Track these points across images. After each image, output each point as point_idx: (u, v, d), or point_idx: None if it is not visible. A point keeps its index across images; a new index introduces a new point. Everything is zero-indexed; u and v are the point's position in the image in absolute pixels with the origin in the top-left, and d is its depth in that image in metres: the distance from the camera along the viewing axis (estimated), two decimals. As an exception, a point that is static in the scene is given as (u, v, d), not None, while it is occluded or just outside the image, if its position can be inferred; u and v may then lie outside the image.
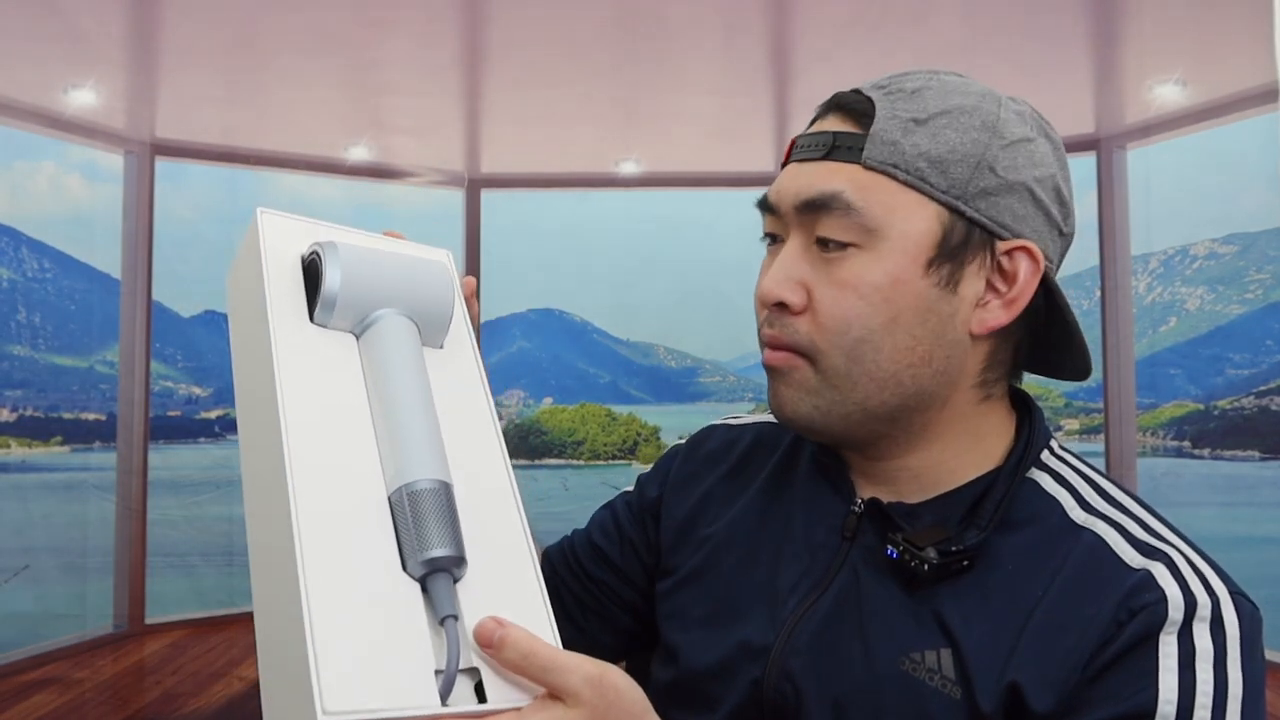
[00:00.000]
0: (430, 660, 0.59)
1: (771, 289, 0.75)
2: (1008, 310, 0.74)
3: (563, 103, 5.20)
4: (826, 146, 0.75)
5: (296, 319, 0.69)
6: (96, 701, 4.14)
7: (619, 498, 1.01)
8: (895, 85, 0.76)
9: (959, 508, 0.75)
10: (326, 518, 0.61)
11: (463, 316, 0.76)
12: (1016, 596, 0.70)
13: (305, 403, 0.65)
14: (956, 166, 0.72)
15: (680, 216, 7.77)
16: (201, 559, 6.31)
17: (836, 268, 0.73)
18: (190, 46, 4.48)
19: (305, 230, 0.73)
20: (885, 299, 0.72)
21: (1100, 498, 0.75)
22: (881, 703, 0.71)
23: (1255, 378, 7.45)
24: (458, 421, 0.70)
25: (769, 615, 0.78)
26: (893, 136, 0.73)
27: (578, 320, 9.20)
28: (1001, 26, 4.15)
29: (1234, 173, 6.51)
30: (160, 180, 5.37)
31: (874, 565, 0.76)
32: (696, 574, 0.87)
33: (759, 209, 0.80)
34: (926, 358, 0.74)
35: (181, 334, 7.04)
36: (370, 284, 0.70)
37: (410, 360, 0.69)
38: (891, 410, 0.75)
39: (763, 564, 0.82)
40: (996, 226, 0.73)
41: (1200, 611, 0.66)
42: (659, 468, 0.99)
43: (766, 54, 4.67)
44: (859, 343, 0.73)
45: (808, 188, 0.74)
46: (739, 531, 0.86)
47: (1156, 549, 0.70)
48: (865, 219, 0.72)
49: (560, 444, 8.32)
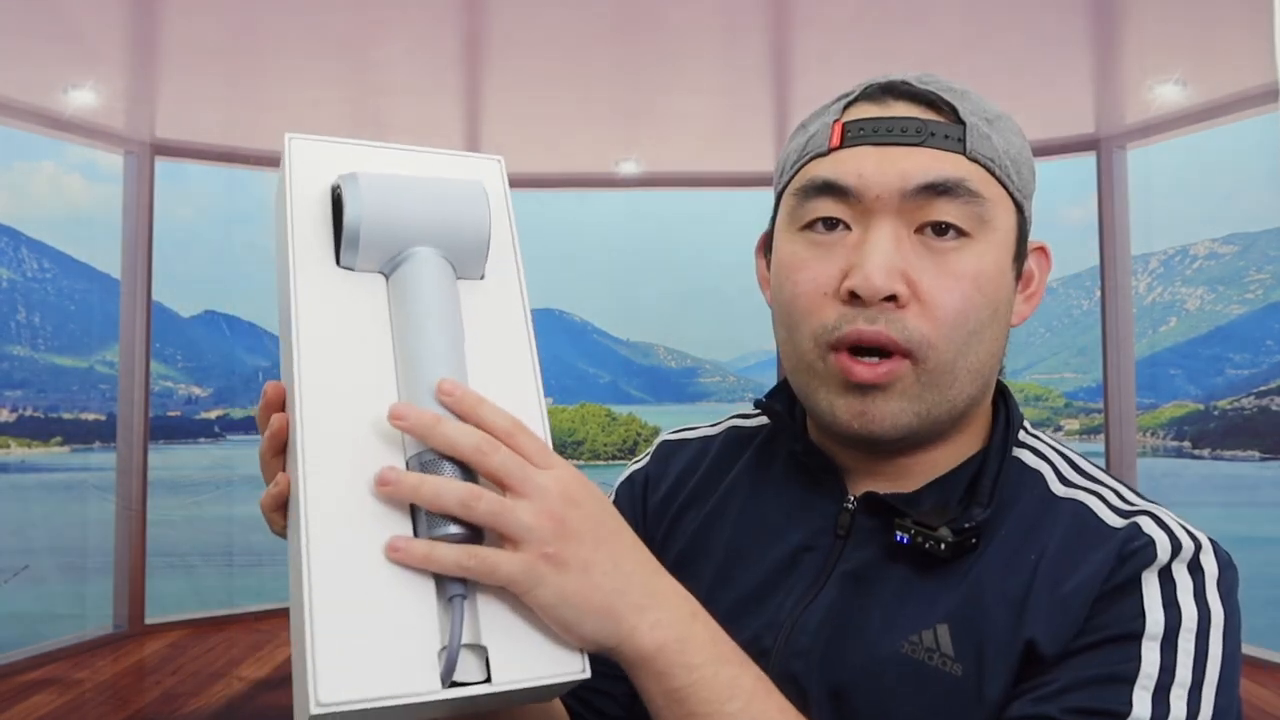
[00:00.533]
0: (435, 640, 0.57)
1: (884, 280, 0.69)
2: (1029, 305, 0.79)
3: (563, 103, 5.20)
4: (923, 133, 0.72)
5: (321, 262, 0.64)
6: (96, 702, 4.14)
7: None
8: (939, 83, 0.75)
9: (955, 490, 0.76)
10: (338, 487, 0.58)
11: (509, 238, 0.70)
12: (1013, 565, 0.71)
13: (323, 360, 0.61)
14: (1024, 168, 0.76)
15: (680, 216, 7.78)
16: (201, 559, 6.31)
17: (950, 257, 0.71)
18: (190, 46, 4.48)
19: (338, 155, 0.67)
20: (995, 289, 0.73)
21: (1076, 472, 0.77)
22: (883, 687, 0.71)
23: (1255, 378, 7.44)
24: (492, 367, 0.64)
25: (767, 621, 0.77)
26: (984, 130, 0.73)
27: (578, 320, 9.19)
28: (1001, 26, 4.15)
29: (1234, 173, 6.51)
30: (160, 180, 5.37)
31: (874, 556, 0.75)
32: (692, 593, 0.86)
33: (810, 193, 0.74)
34: (1002, 348, 0.76)
35: (181, 334, 7.04)
36: (395, 219, 0.64)
37: (439, 307, 0.64)
38: (969, 403, 0.75)
39: (753, 573, 0.80)
40: (1030, 227, 0.77)
41: (1183, 554, 0.68)
42: (623, 511, 0.93)
43: (766, 54, 4.67)
44: (971, 335, 0.72)
45: (923, 172, 0.71)
46: (723, 544, 0.84)
47: (1137, 510, 0.72)
48: (984, 208, 0.72)
49: (560, 444, 8.33)
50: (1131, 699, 0.64)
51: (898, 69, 0.79)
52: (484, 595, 0.59)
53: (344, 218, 0.63)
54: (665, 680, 0.61)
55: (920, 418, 0.72)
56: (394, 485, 0.58)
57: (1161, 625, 0.66)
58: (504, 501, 0.58)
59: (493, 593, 0.59)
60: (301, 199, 0.65)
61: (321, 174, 0.66)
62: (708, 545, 0.83)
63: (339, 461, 0.59)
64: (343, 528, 0.57)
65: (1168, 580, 0.68)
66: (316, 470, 0.58)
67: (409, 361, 0.62)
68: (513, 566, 0.57)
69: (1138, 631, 0.66)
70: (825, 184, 0.73)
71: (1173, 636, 0.66)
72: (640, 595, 0.61)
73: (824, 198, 0.73)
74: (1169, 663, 0.65)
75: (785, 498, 0.82)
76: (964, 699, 0.68)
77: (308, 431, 0.59)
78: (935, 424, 0.74)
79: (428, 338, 0.62)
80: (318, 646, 0.54)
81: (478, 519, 0.58)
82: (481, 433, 0.59)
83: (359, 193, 0.63)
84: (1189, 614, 0.66)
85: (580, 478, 0.62)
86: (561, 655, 0.59)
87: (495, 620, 0.59)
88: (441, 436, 0.58)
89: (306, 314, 0.62)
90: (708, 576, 0.81)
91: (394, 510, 0.59)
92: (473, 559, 0.57)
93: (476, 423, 0.60)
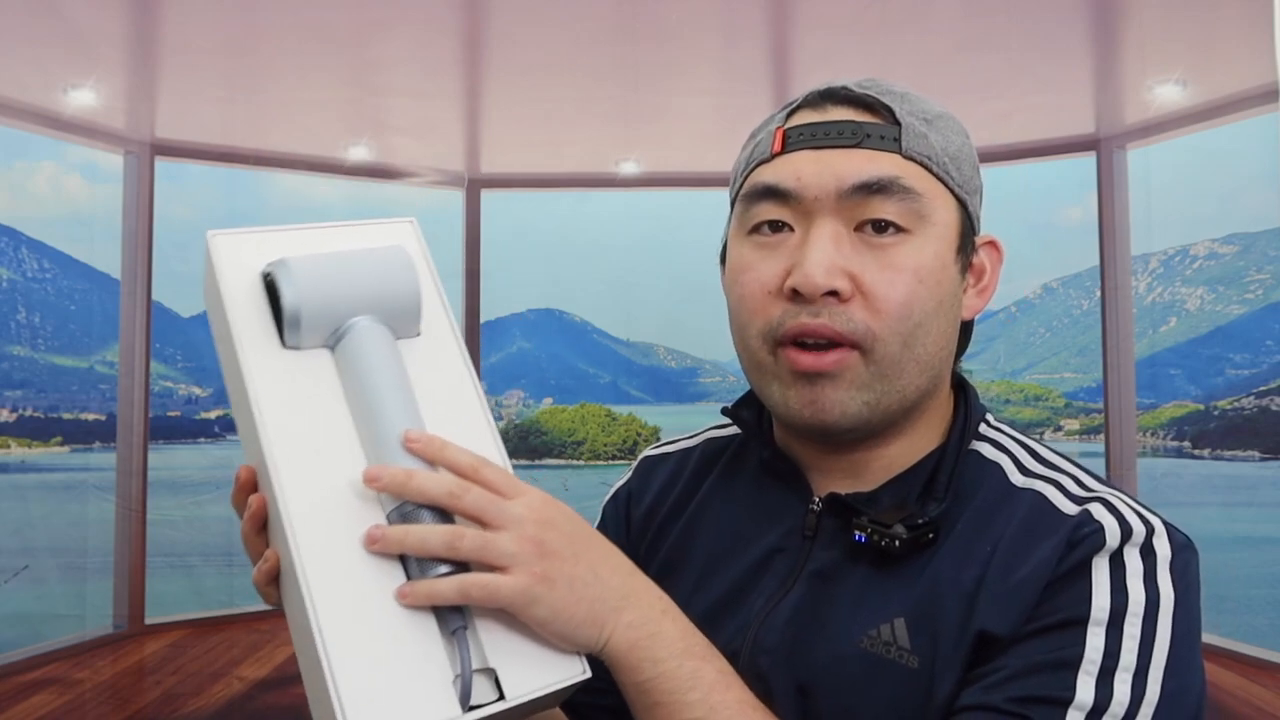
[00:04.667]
0: (445, 672, 0.61)
1: (824, 277, 0.72)
2: (981, 298, 0.81)
3: (563, 103, 5.20)
4: (859, 135, 0.75)
5: (266, 346, 0.68)
6: (96, 702, 4.14)
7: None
8: (878, 88, 0.78)
9: (914, 486, 0.78)
10: (327, 547, 0.62)
11: (435, 293, 0.73)
12: (968, 557, 0.72)
13: (288, 435, 0.65)
14: (965, 164, 0.78)
15: (680, 216, 7.77)
16: (201, 559, 6.31)
17: (890, 253, 0.73)
18: (190, 46, 4.48)
19: (259, 243, 0.71)
20: (937, 282, 0.74)
21: (1036, 461, 0.78)
22: (845, 681, 0.72)
23: (1255, 378, 7.45)
24: (445, 414, 0.69)
25: (740, 622, 0.79)
26: (921, 130, 0.76)
27: (578, 320, 9.20)
28: (1001, 26, 4.15)
29: (1234, 173, 6.51)
30: (160, 180, 5.37)
31: (839, 556, 0.77)
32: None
33: (754, 198, 0.77)
34: (950, 340, 0.78)
35: (181, 334, 7.04)
36: (330, 295, 0.68)
37: (386, 368, 0.68)
38: (920, 395, 0.77)
39: (728, 577, 0.82)
40: (976, 221, 0.80)
41: (1134, 538, 0.69)
42: (609, 530, 0.95)
43: (766, 54, 4.67)
44: (916, 327, 0.74)
45: (858, 172, 0.74)
46: (702, 552, 0.85)
47: (1091, 496, 0.73)
48: (920, 205, 0.74)
49: (560, 444, 8.32)
50: (1075, 684, 0.65)
51: (898, 69, 0.79)
52: (482, 623, 0.63)
53: (282, 303, 0.67)
54: (635, 674, 0.66)
55: (870, 407, 0.74)
56: (381, 541, 0.63)
57: (1107, 610, 0.66)
58: (485, 535, 0.63)
59: (489, 620, 0.63)
60: (234, 290, 0.69)
61: (247, 263, 0.70)
62: (688, 554, 0.86)
63: (324, 527, 0.63)
64: (342, 586, 0.61)
65: (1118, 565, 0.68)
66: (307, 540, 0.62)
67: (370, 422, 0.66)
68: (511, 588, 0.62)
69: (1083, 617, 0.67)
70: (767, 188, 0.76)
71: (1119, 621, 0.66)
72: (617, 599, 0.66)
73: (767, 201, 0.76)
74: (1114, 647, 0.66)
75: (757, 502, 0.84)
76: (920, 690, 0.70)
77: (290, 505, 0.62)
78: (887, 414, 0.76)
79: (383, 397, 0.66)
80: (341, 691, 0.58)
81: (464, 556, 0.62)
82: (451, 478, 0.64)
83: (292, 277, 0.67)
84: (1136, 598, 0.67)
85: (548, 499, 0.66)
86: (561, 662, 0.65)
87: (497, 643, 0.63)
88: (416, 489, 0.63)
89: (265, 396, 0.65)
90: (689, 584, 0.83)
91: (385, 562, 0.63)
92: (475, 586, 0.62)
93: (444, 463, 0.65)
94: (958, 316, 0.78)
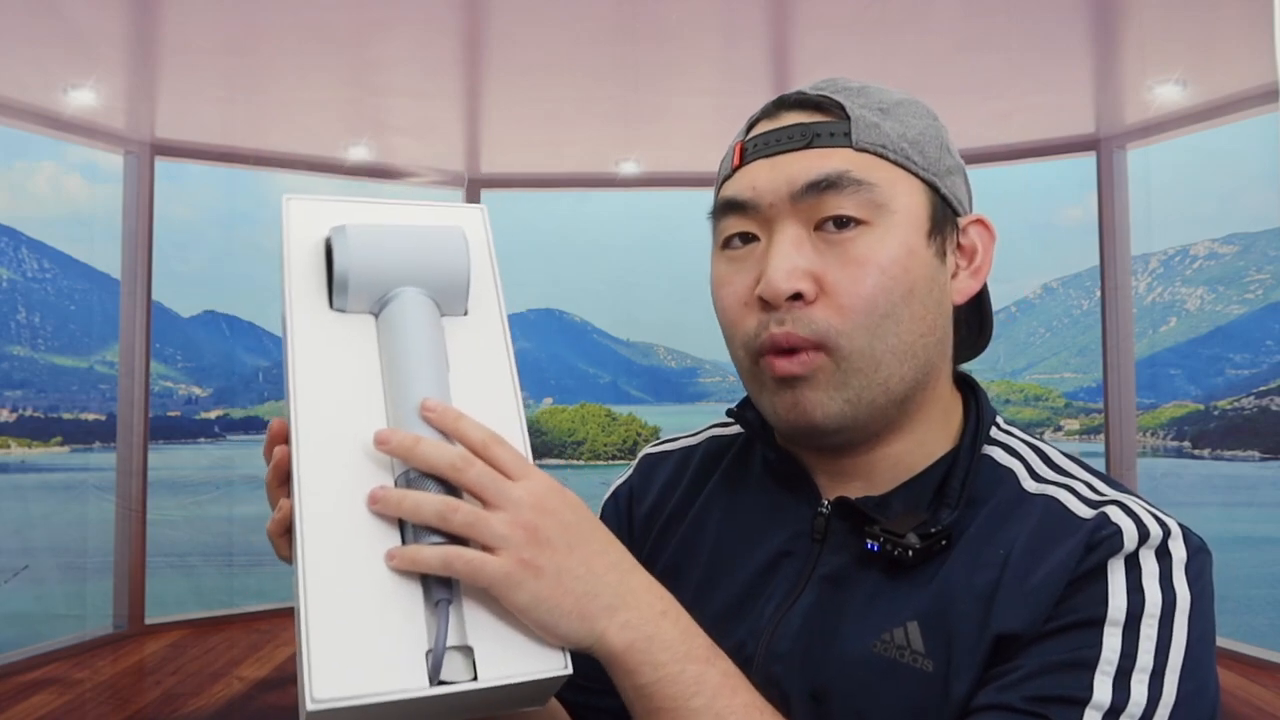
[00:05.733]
0: (423, 643, 0.61)
1: (784, 283, 0.73)
2: (975, 279, 0.80)
3: (563, 103, 5.20)
4: (808, 136, 0.75)
5: (316, 306, 0.71)
6: (96, 702, 4.14)
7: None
8: (833, 86, 0.79)
9: (926, 491, 0.77)
10: (332, 505, 0.63)
11: (491, 278, 0.76)
12: (982, 561, 0.72)
13: (317, 391, 0.67)
14: (929, 147, 0.78)
15: (680, 216, 7.78)
16: (201, 559, 6.31)
17: (850, 247, 0.73)
18: (190, 46, 4.48)
19: (330, 211, 0.74)
20: (904, 270, 0.74)
21: (1049, 467, 0.77)
22: (859, 686, 0.72)
23: (1255, 378, 7.44)
24: (475, 392, 0.70)
25: (750, 627, 0.78)
26: (873, 120, 0.76)
27: (578, 320, 9.20)
28: (1001, 26, 4.15)
29: (1234, 173, 6.51)
30: (160, 180, 5.37)
31: (848, 560, 0.76)
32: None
33: (720, 213, 0.79)
34: (932, 327, 0.76)
35: (181, 334, 7.04)
36: (382, 263, 0.70)
37: (422, 338, 0.70)
38: (908, 386, 0.76)
39: (736, 579, 0.82)
40: (956, 203, 0.79)
41: (1151, 541, 0.69)
42: (609, 528, 0.94)
43: (766, 54, 4.67)
44: (883, 318, 0.73)
45: (806, 172, 0.74)
46: (707, 552, 0.85)
47: (1106, 500, 0.73)
48: (876, 194, 0.74)
49: (560, 444, 8.32)
50: (1092, 684, 0.65)
51: (898, 69, 0.80)
52: (469, 600, 0.63)
53: (334, 266, 0.70)
54: (634, 677, 0.64)
55: (852, 404, 0.74)
56: (381, 501, 0.63)
57: (1124, 611, 0.66)
58: (478, 512, 0.62)
59: (476, 598, 0.63)
60: (299, 252, 0.72)
61: (317, 229, 0.74)
62: (692, 554, 0.85)
63: (333, 483, 0.64)
64: (336, 541, 0.62)
65: (1134, 567, 0.68)
66: (312, 491, 0.63)
67: (395, 387, 0.68)
68: (495, 569, 0.61)
69: (1100, 617, 0.66)
70: (728, 202, 0.78)
71: (1135, 622, 0.66)
72: (611, 597, 0.65)
73: (731, 215, 0.78)
74: (1130, 648, 0.66)
75: (763, 503, 0.84)
76: (935, 693, 0.69)
77: (303, 457, 0.65)
78: (875, 409, 0.75)
79: (411, 364, 0.68)
80: (313, 649, 0.59)
81: (455, 529, 0.62)
82: (457, 450, 0.64)
83: (347, 243, 0.70)
84: (1153, 599, 0.67)
85: (554, 486, 0.66)
86: (543, 654, 0.63)
87: (479, 623, 0.63)
88: (420, 456, 0.63)
89: (302, 353, 0.69)
90: (694, 585, 0.83)
91: (385, 526, 0.64)
92: (459, 560, 0.61)
93: (457, 435, 0.65)
94: (940, 301, 0.77)
